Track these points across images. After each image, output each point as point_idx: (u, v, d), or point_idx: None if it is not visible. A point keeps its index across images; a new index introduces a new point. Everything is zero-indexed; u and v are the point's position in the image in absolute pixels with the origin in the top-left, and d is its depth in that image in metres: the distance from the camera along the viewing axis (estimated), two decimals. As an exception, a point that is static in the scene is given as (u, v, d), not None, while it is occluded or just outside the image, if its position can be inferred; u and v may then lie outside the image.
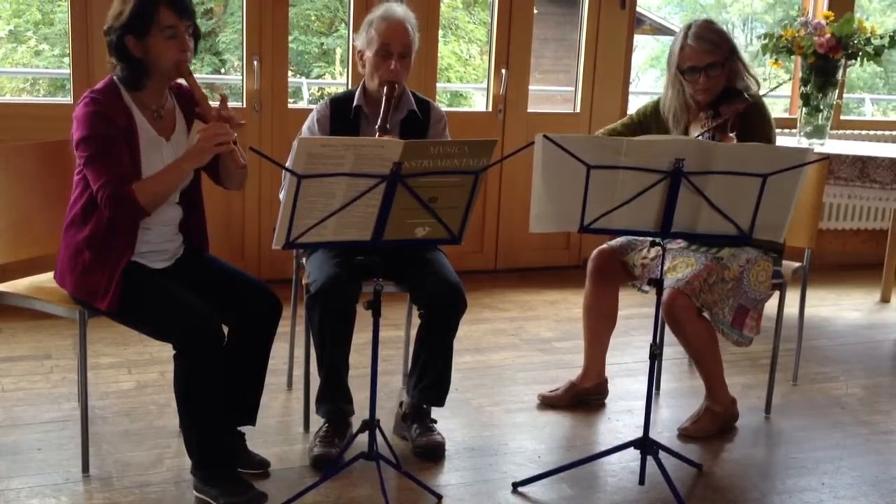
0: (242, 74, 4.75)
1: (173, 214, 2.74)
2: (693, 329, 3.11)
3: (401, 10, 3.05)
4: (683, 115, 3.22)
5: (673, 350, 3.90)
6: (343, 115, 3.10)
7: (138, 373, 3.58)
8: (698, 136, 3.02)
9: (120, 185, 2.49)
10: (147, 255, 2.68)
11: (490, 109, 5.23)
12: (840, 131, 5.64)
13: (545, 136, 2.51)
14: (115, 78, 2.61)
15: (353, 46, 3.21)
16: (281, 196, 3.05)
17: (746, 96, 3.11)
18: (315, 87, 10.88)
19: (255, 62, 4.64)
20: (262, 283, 2.84)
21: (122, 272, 2.57)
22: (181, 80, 2.66)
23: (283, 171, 2.34)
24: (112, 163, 2.50)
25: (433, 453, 2.99)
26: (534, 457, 3.05)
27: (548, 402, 3.49)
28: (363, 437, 2.71)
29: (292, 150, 2.27)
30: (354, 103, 3.10)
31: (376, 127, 2.89)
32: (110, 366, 3.64)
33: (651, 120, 3.31)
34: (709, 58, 3.10)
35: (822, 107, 4.77)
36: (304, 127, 3.16)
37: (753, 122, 3.14)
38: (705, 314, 3.12)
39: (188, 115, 2.73)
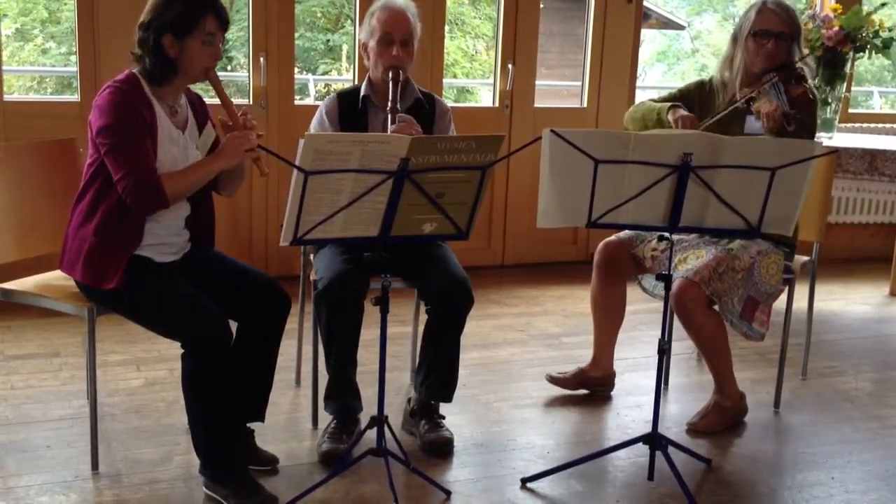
0: (249, 71, 4.76)
1: (182, 210, 2.75)
2: (703, 321, 3.10)
3: (400, 0, 3.07)
4: (738, 82, 3.31)
5: (681, 345, 3.89)
6: (351, 107, 3.12)
7: (147, 370, 3.59)
8: (767, 77, 3.20)
9: (146, 175, 2.51)
10: (154, 248, 2.68)
11: (497, 105, 5.23)
12: (848, 124, 5.62)
13: (552, 131, 2.50)
14: (135, 72, 2.62)
15: (359, 41, 3.22)
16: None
17: (805, 85, 3.27)
18: (321, 83, 10.88)
19: (262, 59, 4.65)
20: (271, 279, 2.84)
21: (130, 258, 2.58)
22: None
23: (291, 167, 2.34)
24: (136, 153, 2.52)
25: (441, 449, 2.99)
26: (542, 452, 3.04)
27: (554, 382, 3.52)
28: (371, 434, 2.71)
29: (299, 147, 2.27)
30: (362, 93, 3.12)
31: (387, 110, 2.93)
32: (119, 363, 3.65)
33: (695, 96, 3.40)
34: (782, 26, 3.25)
35: (830, 100, 4.76)
36: (314, 122, 3.16)
37: (811, 111, 3.29)
38: (715, 307, 3.11)
39: (198, 118, 2.76)
